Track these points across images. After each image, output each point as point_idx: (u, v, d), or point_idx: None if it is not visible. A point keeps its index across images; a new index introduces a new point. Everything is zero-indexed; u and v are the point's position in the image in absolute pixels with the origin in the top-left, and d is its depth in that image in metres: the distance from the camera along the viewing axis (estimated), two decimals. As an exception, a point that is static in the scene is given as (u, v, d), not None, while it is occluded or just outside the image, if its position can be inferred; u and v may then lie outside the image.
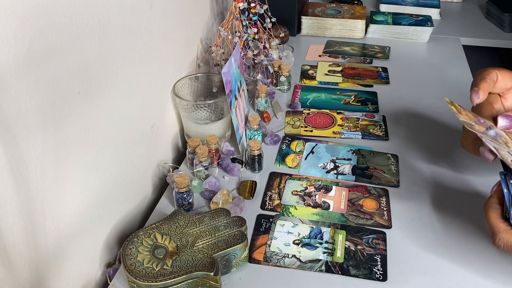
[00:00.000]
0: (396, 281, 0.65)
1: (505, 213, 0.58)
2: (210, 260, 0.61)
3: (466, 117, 0.61)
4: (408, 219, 0.75)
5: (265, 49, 1.05)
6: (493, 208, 0.60)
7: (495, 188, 0.62)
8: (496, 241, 0.57)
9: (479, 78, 0.65)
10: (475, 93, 0.64)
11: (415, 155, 0.89)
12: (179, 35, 0.90)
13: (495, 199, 0.61)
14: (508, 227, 0.57)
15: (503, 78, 0.65)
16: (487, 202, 0.61)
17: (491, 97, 0.66)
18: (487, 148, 0.61)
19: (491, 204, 0.60)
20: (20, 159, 0.51)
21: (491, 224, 0.58)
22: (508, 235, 0.56)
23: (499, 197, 0.60)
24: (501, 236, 0.57)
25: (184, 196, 0.75)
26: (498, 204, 0.60)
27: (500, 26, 1.43)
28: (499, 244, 0.57)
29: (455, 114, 0.61)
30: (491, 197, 0.61)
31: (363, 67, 1.20)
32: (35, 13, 0.50)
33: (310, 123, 0.98)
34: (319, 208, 0.77)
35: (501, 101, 0.66)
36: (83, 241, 0.65)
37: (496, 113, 0.64)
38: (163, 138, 0.88)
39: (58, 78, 0.55)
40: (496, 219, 0.58)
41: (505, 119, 0.62)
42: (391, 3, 1.49)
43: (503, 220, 0.58)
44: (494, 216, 0.59)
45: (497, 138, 0.60)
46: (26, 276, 0.55)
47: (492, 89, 0.65)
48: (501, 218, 0.58)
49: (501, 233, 0.57)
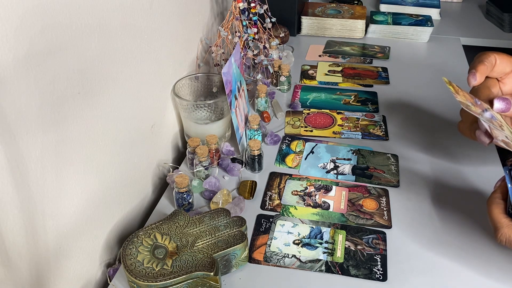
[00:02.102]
0: (396, 281, 0.65)
1: (508, 209, 0.58)
2: (210, 260, 0.61)
3: (463, 98, 0.60)
4: (408, 219, 0.75)
5: (265, 49, 1.05)
6: (496, 203, 0.59)
7: (498, 184, 0.62)
8: (498, 236, 0.57)
9: (478, 61, 0.65)
10: (472, 75, 0.64)
11: (415, 155, 0.89)
12: (179, 35, 0.90)
13: (499, 194, 0.60)
14: (511, 222, 0.57)
15: (502, 62, 0.64)
16: (490, 197, 0.61)
17: (489, 81, 0.65)
18: (483, 130, 0.60)
19: (494, 199, 0.60)
20: (20, 159, 0.51)
21: (494, 219, 0.58)
22: (511, 230, 0.56)
23: (503, 192, 0.60)
24: (504, 231, 0.56)
25: (184, 196, 0.75)
26: (501, 199, 0.59)
27: (500, 26, 1.43)
28: (501, 239, 0.57)
29: (452, 94, 0.61)
30: (494, 192, 0.61)
31: (363, 67, 1.20)
32: (35, 13, 0.50)
33: (310, 123, 0.98)
34: (319, 208, 0.77)
35: (499, 86, 0.65)
36: (83, 241, 0.65)
37: (493, 97, 0.63)
38: (163, 138, 0.88)
39: (58, 78, 0.55)
40: (499, 214, 0.58)
41: (501, 101, 0.62)
42: (391, 3, 1.49)
43: (506, 216, 0.58)
44: (497, 211, 0.58)
45: (492, 120, 0.59)
46: (26, 276, 0.55)
47: (490, 73, 0.65)
48: (503, 213, 0.58)
49: (503, 228, 0.57)
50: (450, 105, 1.04)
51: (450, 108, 1.03)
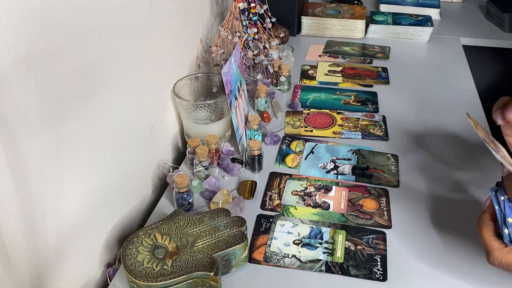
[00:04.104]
0: (396, 281, 0.65)
1: (498, 230, 0.57)
2: (210, 260, 0.61)
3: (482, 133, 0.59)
4: (408, 219, 0.75)
5: (265, 49, 1.05)
6: (486, 225, 0.58)
7: (487, 203, 0.60)
8: (491, 259, 0.56)
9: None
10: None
11: (415, 155, 0.89)
12: (179, 35, 0.90)
13: (488, 214, 0.59)
14: (502, 245, 0.56)
15: None
16: (480, 218, 0.59)
17: None
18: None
19: (484, 221, 0.58)
20: (20, 159, 0.51)
21: (485, 242, 0.57)
22: (502, 253, 0.55)
23: (492, 213, 0.58)
24: (495, 255, 0.56)
25: (184, 196, 0.75)
26: (490, 220, 0.58)
27: (500, 26, 1.43)
28: (494, 263, 0.56)
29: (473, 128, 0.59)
30: (484, 213, 0.59)
31: (363, 67, 1.20)
32: (35, 13, 0.50)
33: (310, 123, 0.98)
34: (319, 208, 0.77)
35: None
36: (83, 241, 0.65)
37: None
38: (163, 138, 0.88)
39: (58, 78, 0.55)
40: (489, 237, 0.57)
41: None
42: (391, 3, 1.49)
43: (497, 238, 0.57)
44: (487, 233, 0.57)
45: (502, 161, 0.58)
46: (26, 276, 0.55)
47: None
48: (494, 236, 0.57)
49: (495, 251, 0.56)
50: (450, 105, 1.04)
51: (450, 108, 1.03)
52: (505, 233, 0.55)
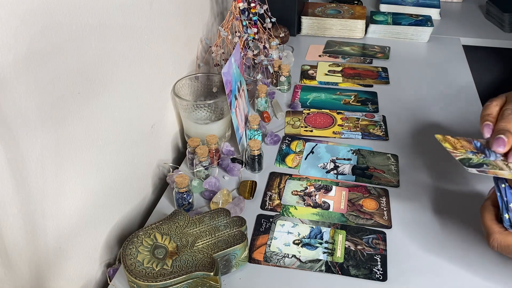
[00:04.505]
0: (396, 281, 0.65)
1: (500, 215, 0.60)
2: (210, 260, 0.61)
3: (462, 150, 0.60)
4: (408, 219, 0.75)
5: (265, 49, 1.05)
6: (488, 210, 0.61)
7: (491, 191, 0.63)
8: (490, 241, 0.59)
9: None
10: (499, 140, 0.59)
11: (415, 155, 0.89)
12: (179, 35, 0.90)
13: (490, 201, 0.62)
14: (502, 229, 0.59)
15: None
16: (483, 204, 0.63)
17: None
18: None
19: (486, 206, 0.62)
20: (20, 159, 0.51)
21: (486, 226, 0.60)
22: (502, 236, 0.58)
23: (494, 200, 0.62)
24: (495, 237, 0.58)
25: (184, 196, 0.75)
26: (493, 206, 0.62)
27: (500, 26, 1.43)
28: (493, 245, 0.59)
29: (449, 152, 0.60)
30: (487, 199, 0.63)
31: (363, 67, 1.20)
32: (35, 13, 0.50)
33: (310, 123, 0.98)
34: (319, 208, 0.77)
35: None
36: (83, 241, 0.65)
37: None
38: (163, 138, 0.88)
39: (58, 78, 0.55)
40: (490, 220, 0.60)
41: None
42: (391, 3, 1.49)
43: (497, 222, 0.60)
44: (488, 217, 0.60)
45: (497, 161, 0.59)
46: (26, 276, 0.55)
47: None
48: (495, 220, 0.60)
49: (495, 234, 0.59)
50: (450, 105, 1.04)
51: (450, 107, 1.03)
52: (505, 217, 0.58)
